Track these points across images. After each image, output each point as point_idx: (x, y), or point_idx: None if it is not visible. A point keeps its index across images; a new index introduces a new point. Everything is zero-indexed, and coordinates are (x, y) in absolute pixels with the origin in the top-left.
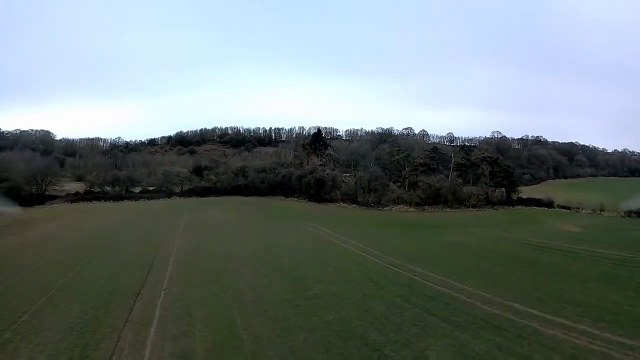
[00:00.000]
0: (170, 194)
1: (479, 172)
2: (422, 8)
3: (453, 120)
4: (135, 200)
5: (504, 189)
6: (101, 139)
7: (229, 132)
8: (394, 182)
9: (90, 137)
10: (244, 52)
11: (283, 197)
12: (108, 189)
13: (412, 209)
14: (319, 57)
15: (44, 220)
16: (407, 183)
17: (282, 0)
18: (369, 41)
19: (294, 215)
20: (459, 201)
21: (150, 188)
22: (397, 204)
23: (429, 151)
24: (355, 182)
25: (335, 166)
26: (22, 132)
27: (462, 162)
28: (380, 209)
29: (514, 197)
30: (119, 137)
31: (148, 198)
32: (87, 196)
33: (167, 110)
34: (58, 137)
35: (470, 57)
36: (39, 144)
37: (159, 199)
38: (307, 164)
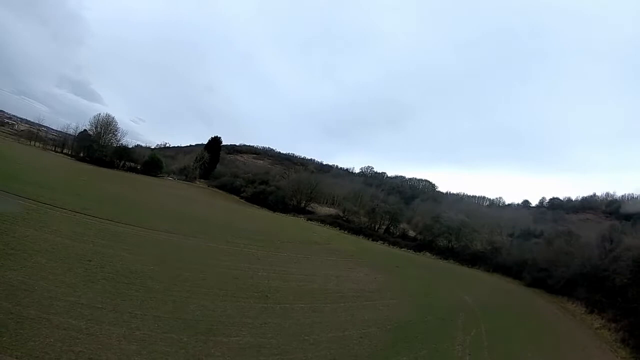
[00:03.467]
0: (423, 247)
1: None
2: None
3: None
4: (374, 240)
5: None
6: (486, 197)
7: (627, 201)
8: None
9: (476, 194)
10: None
11: (583, 310)
12: (365, 219)
13: None
14: None
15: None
16: None
17: None
18: None
19: None
20: None
21: (411, 234)
22: None
23: None
24: None
25: None
26: (404, 178)
27: None
28: None
29: None
30: (500, 197)
31: (392, 243)
32: (332, 219)
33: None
34: (443, 190)
35: None
36: (406, 189)
37: (402, 247)
38: None
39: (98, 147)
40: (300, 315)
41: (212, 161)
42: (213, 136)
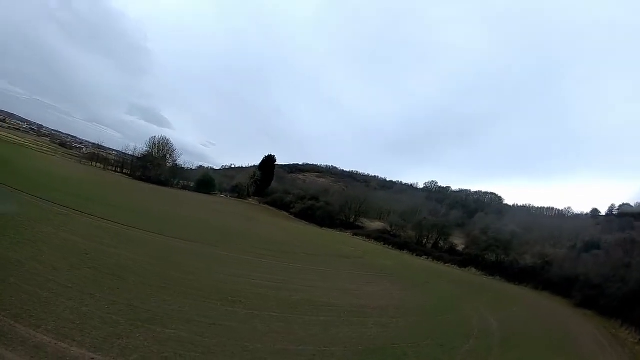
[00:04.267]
0: (468, 262)
1: None
2: None
3: None
4: (418, 255)
5: None
6: (554, 208)
7: None
8: None
9: (544, 206)
10: None
11: (637, 338)
12: (412, 234)
13: None
14: None
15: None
16: None
17: None
18: None
19: None
20: None
21: (460, 248)
22: None
23: None
24: None
25: None
26: (469, 192)
27: None
28: None
29: None
30: (569, 208)
31: (437, 258)
32: (378, 234)
33: None
34: (510, 203)
35: None
36: (471, 203)
37: (447, 262)
38: None
39: (153, 167)
40: (261, 323)
41: (264, 179)
42: (267, 154)
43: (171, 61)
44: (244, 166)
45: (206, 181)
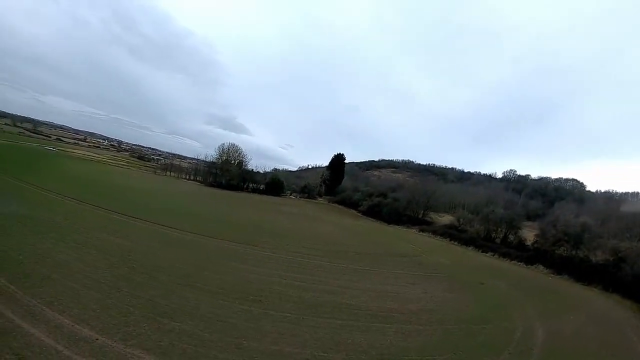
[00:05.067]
0: (535, 259)
1: None
2: None
3: None
4: (484, 252)
5: None
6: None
7: None
8: None
9: (628, 191)
10: None
11: None
12: (480, 228)
13: None
14: None
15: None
16: None
17: None
18: None
19: None
20: None
21: (528, 243)
22: None
23: None
24: None
25: None
26: (549, 180)
27: None
28: None
29: None
30: None
31: (503, 255)
32: (445, 230)
33: None
34: (592, 189)
35: None
36: (551, 191)
37: (513, 259)
38: None
39: (222, 173)
40: (270, 323)
41: (334, 178)
42: (336, 153)
43: (242, 71)
44: (320, 165)
45: (275, 183)
